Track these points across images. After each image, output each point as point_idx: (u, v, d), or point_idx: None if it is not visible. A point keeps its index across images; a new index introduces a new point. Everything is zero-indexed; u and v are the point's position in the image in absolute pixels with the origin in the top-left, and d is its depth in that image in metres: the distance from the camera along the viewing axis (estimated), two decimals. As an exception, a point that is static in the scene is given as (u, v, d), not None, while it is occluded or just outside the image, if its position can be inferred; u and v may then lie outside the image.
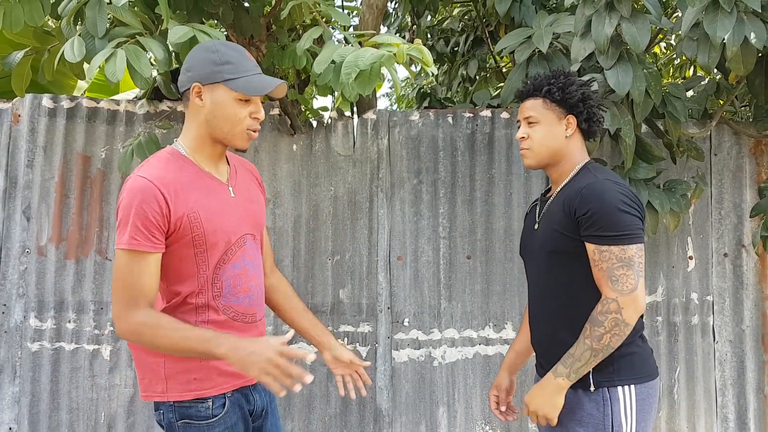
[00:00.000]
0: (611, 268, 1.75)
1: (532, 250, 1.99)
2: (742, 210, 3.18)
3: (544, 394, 1.82)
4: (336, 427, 3.10)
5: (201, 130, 1.74)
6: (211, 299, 1.71)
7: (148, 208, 1.60)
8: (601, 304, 1.76)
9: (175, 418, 1.71)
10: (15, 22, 2.54)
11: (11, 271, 3.03)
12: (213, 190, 1.74)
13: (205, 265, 1.70)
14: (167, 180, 1.65)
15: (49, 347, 3.02)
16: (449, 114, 3.23)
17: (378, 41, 2.20)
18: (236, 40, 2.90)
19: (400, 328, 3.14)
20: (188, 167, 1.72)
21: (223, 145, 1.77)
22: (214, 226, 1.69)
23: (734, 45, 2.39)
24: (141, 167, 1.69)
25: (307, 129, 3.20)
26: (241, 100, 1.70)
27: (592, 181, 1.82)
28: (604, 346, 1.74)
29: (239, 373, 1.73)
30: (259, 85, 1.72)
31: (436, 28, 4.81)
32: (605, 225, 1.75)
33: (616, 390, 1.80)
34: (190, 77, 1.71)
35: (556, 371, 1.80)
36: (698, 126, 3.18)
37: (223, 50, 1.72)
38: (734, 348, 3.15)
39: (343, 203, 3.18)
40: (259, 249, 1.87)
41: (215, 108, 1.70)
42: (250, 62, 1.75)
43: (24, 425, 2.99)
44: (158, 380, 1.71)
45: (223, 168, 1.82)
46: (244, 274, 1.77)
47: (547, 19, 2.93)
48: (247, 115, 1.73)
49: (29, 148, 3.07)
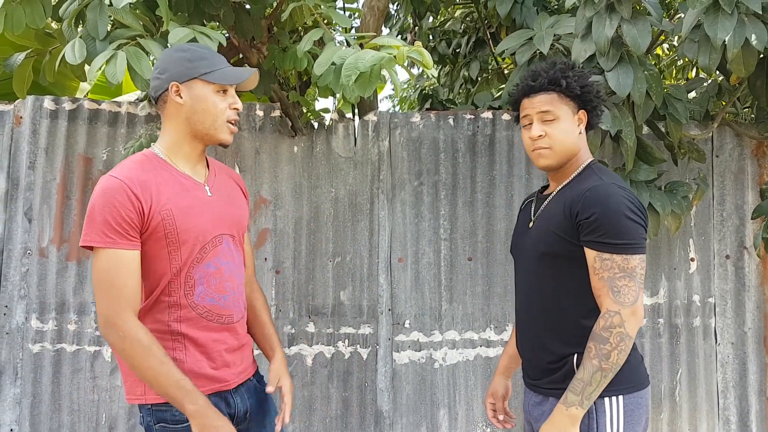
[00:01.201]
0: (613, 278, 1.66)
1: (523, 249, 1.91)
2: (744, 212, 3.17)
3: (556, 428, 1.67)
4: (336, 428, 3.10)
5: (180, 128, 1.76)
6: (182, 297, 1.71)
7: (120, 207, 1.62)
8: (603, 318, 1.66)
9: (153, 421, 1.71)
10: (16, 24, 2.55)
11: (13, 272, 3.04)
12: (187, 189, 1.75)
13: (178, 263, 1.70)
14: (140, 179, 1.66)
15: (50, 349, 3.03)
16: (450, 116, 3.23)
17: (378, 43, 2.20)
18: (237, 42, 2.91)
19: (401, 330, 3.13)
20: (163, 167, 1.74)
21: (203, 143, 1.79)
22: (186, 225, 1.70)
23: (735, 46, 2.39)
24: (114, 168, 1.71)
25: (308, 131, 3.20)
26: (218, 91, 1.75)
27: (597, 184, 1.72)
28: (612, 364, 1.64)
29: (216, 377, 1.75)
30: (235, 74, 1.77)
31: (438, 29, 4.81)
32: (609, 232, 1.66)
33: (603, 401, 1.70)
34: (167, 78, 1.74)
35: (566, 401, 1.67)
36: (700, 128, 3.18)
37: (194, 48, 1.77)
38: (736, 350, 3.14)
39: (344, 205, 3.18)
40: (239, 251, 1.87)
41: (195, 103, 1.74)
42: (220, 57, 1.79)
43: (25, 426, 2.99)
44: (137, 383, 1.71)
45: (201, 170, 1.83)
46: (218, 274, 1.76)
47: (548, 20, 2.93)
48: (227, 107, 1.77)
49: (31, 150, 3.07)
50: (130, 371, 1.70)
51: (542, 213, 1.86)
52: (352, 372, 3.12)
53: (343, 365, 3.12)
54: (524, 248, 1.90)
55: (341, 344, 3.12)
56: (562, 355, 1.77)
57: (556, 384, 1.77)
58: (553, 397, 1.78)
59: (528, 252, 1.87)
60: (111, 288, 1.62)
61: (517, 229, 2.00)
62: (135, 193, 1.64)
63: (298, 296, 3.13)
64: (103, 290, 1.63)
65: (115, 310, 1.62)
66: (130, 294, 1.63)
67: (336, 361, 3.12)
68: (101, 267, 1.63)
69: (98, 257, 1.63)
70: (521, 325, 1.92)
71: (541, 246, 1.79)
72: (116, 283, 1.62)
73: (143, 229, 1.66)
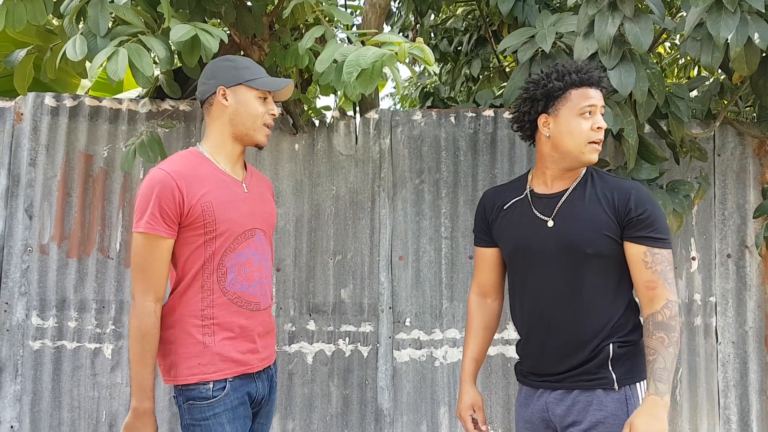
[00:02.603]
0: (665, 271, 1.76)
1: (542, 249, 1.86)
2: (746, 211, 3.17)
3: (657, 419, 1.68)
4: (337, 426, 3.10)
5: (224, 129, 1.95)
6: (215, 283, 1.87)
7: (164, 197, 1.79)
8: (667, 308, 1.75)
9: (183, 400, 1.85)
10: (17, 21, 2.55)
11: (13, 269, 3.03)
12: (227, 185, 1.93)
13: (213, 251, 1.86)
14: (184, 173, 1.84)
15: (50, 346, 3.03)
16: (452, 113, 3.23)
17: (380, 40, 2.19)
18: (239, 39, 2.90)
19: (402, 328, 3.13)
20: (206, 164, 1.92)
21: (243, 145, 1.99)
22: (224, 216, 1.87)
23: (738, 45, 2.38)
24: (163, 162, 1.90)
25: (309, 128, 3.19)
26: (260, 97, 1.96)
27: (635, 184, 1.82)
28: (679, 349, 1.76)
29: (242, 360, 1.89)
30: (275, 82, 1.99)
31: (440, 27, 4.80)
32: (659, 227, 1.77)
33: (635, 386, 1.79)
34: (215, 83, 1.95)
35: (658, 391, 1.69)
36: (702, 126, 3.17)
37: (238, 59, 2.00)
38: (737, 349, 3.14)
39: (344, 203, 3.18)
40: (268, 244, 2.03)
41: (239, 106, 1.94)
42: (261, 68, 2.00)
43: (25, 423, 3.00)
44: (170, 366, 1.87)
45: (240, 170, 2.02)
46: (249, 263, 1.92)
47: (550, 18, 2.92)
48: (266, 112, 1.97)
49: (32, 147, 3.07)
50: (165, 355, 1.86)
51: (564, 211, 1.86)
52: (353, 370, 3.12)
53: (344, 363, 3.12)
54: (544, 248, 1.87)
55: (342, 342, 3.12)
56: (596, 347, 1.81)
57: (590, 375, 1.81)
58: (577, 389, 1.81)
59: (553, 252, 1.85)
60: (143, 269, 1.81)
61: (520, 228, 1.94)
62: (179, 185, 1.81)
63: (299, 294, 3.13)
64: (137, 270, 1.82)
65: (140, 289, 1.81)
66: (156, 278, 1.81)
67: (336, 359, 3.12)
68: (138, 248, 1.81)
69: (138, 239, 1.81)
70: (540, 324, 1.88)
71: (587, 247, 1.81)
72: (147, 266, 1.81)
73: (183, 218, 1.83)
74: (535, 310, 1.90)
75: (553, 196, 1.89)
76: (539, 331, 1.89)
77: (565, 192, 1.88)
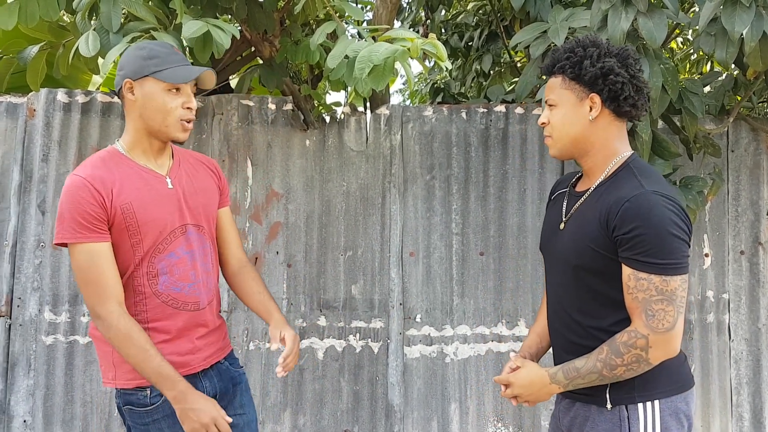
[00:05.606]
0: (648, 300, 1.51)
1: (553, 252, 1.77)
2: (759, 207, 3.14)
3: (533, 389, 1.66)
4: (347, 422, 3.10)
5: (137, 125, 1.82)
6: (146, 286, 1.79)
7: (85, 203, 1.70)
8: (628, 333, 1.54)
9: (122, 403, 1.81)
10: (30, 17, 2.56)
11: (26, 264, 3.05)
12: (147, 183, 1.81)
13: (140, 254, 1.78)
14: (100, 175, 1.74)
15: (63, 340, 3.04)
16: (463, 109, 3.22)
17: (392, 36, 2.18)
18: (250, 35, 2.90)
19: (412, 324, 3.13)
20: (123, 163, 1.81)
21: (161, 140, 1.84)
22: (147, 217, 1.77)
23: (753, 40, 2.36)
24: (78, 167, 1.79)
25: (320, 124, 3.19)
26: (170, 90, 1.79)
27: (637, 193, 1.53)
28: (614, 376, 1.55)
29: (180, 362, 1.81)
30: (184, 73, 1.80)
31: (450, 22, 4.79)
32: (649, 250, 1.49)
33: (636, 407, 1.58)
34: (122, 75, 1.80)
35: (554, 377, 1.62)
36: (715, 122, 3.15)
37: (151, 47, 1.83)
38: (750, 346, 3.12)
39: (355, 199, 3.18)
40: (206, 240, 1.92)
41: (146, 101, 1.79)
42: (177, 56, 1.83)
43: (38, 418, 3.02)
44: (109, 367, 1.81)
45: (164, 162, 1.89)
46: (182, 263, 1.83)
47: (562, 13, 2.90)
48: (179, 106, 1.81)
49: (44, 143, 3.08)
50: (104, 356, 1.81)
51: (575, 215, 1.71)
52: (363, 366, 3.12)
53: (354, 359, 3.12)
54: (554, 251, 1.76)
55: (352, 338, 3.12)
56: None
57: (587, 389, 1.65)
58: (579, 402, 1.69)
59: (558, 258, 1.74)
60: (90, 281, 1.72)
61: (547, 225, 1.85)
62: (97, 189, 1.71)
63: (310, 290, 3.13)
64: (85, 284, 1.72)
65: (97, 302, 1.71)
66: (110, 284, 1.72)
67: (347, 355, 3.12)
68: (78, 263, 1.72)
69: (74, 253, 1.72)
70: (553, 331, 1.81)
71: (574, 258, 1.65)
72: (94, 276, 1.71)
73: (109, 221, 1.74)
74: (550, 311, 1.83)
75: (578, 196, 1.74)
76: (551, 333, 1.84)
77: (586, 192, 1.71)
